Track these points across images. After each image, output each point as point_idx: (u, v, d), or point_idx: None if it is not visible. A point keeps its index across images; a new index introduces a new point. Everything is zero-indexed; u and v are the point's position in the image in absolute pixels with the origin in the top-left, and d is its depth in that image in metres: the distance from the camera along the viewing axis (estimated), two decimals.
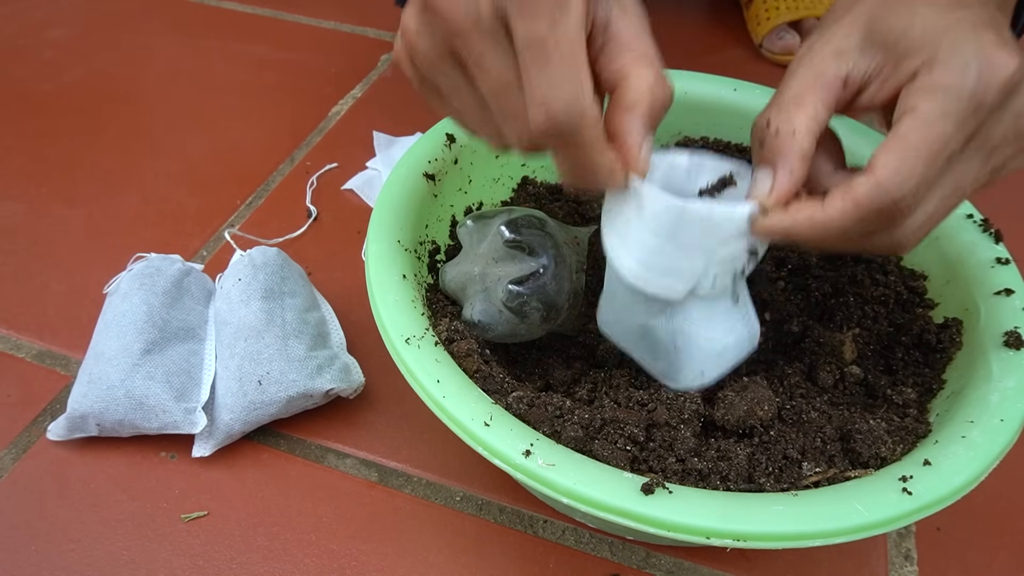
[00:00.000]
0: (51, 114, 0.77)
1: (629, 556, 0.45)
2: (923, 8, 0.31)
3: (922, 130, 0.29)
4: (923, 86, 0.29)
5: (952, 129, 0.29)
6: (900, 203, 0.29)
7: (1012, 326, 0.40)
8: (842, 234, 0.31)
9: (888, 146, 0.29)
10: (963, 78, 0.28)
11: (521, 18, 0.28)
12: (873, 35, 0.32)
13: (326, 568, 0.44)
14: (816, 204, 0.31)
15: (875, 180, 0.29)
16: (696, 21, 0.93)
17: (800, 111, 0.32)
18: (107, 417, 0.47)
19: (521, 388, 0.39)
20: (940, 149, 0.29)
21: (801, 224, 0.31)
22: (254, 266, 0.51)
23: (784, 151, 0.32)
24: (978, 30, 0.29)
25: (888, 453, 0.37)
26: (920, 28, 0.30)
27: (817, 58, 0.32)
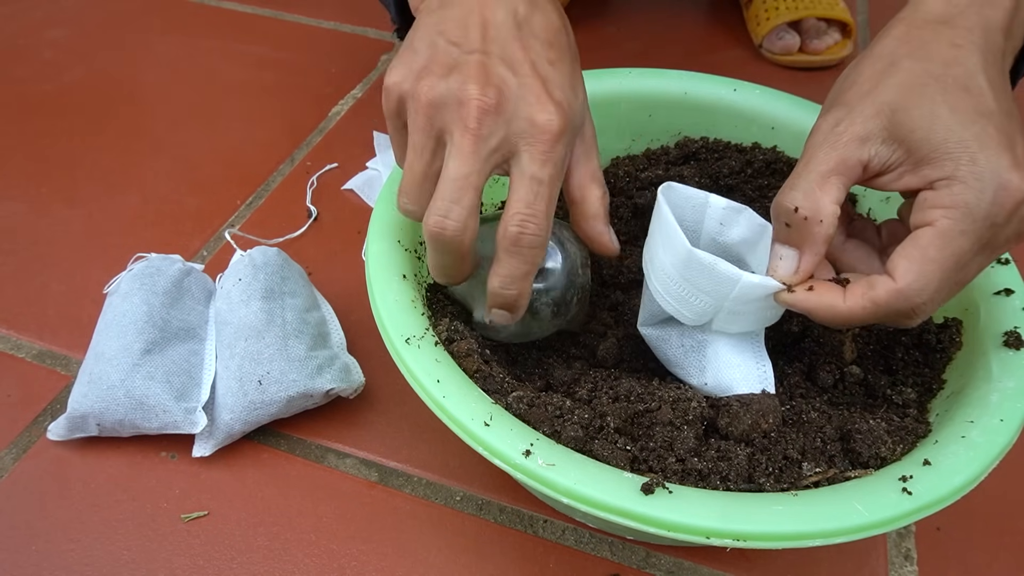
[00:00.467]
0: (51, 114, 0.77)
1: (629, 556, 0.45)
2: (945, 111, 0.33)
3: (942, 246, 0.32)
4: (943, 202, 0.32)
5: (968, 245, 0.32)
6: (917, 308, 0.33)
7: (1012, 326, 0.40)
8: (855, 323, 0.35)
9: (910, 255, 0.33)
10: (980, 199, 0.31)
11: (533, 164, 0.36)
12: (895, 128, 0.34)
13: (326, 568, 0.44)
14: (838, 294, 0.35)
15: (896, 287, 0.33)
16: (696, 21, 0.93)
17: (826, 196, 0.34)
18: (107, 417, 0.47)
19: (521, 388, 0.39)
20: (956, 263, 0.32)
21: (822, 310, 0.35)
22: (254, 266, 0.51)
23: (812, 237, 0.35)
24: (997, 150, 0.32)
25: (888, 453, 0.37)
26: (941, 137, 0.32)
27: (843, 140, 0.34)
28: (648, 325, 0.43)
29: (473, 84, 0.34)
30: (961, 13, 0.35)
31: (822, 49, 0.84)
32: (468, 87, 0.34)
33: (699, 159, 0.56)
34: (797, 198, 0.35)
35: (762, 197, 0.53)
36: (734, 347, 0.40)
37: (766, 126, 0.54)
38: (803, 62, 0.84)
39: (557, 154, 0.35)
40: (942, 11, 0.36)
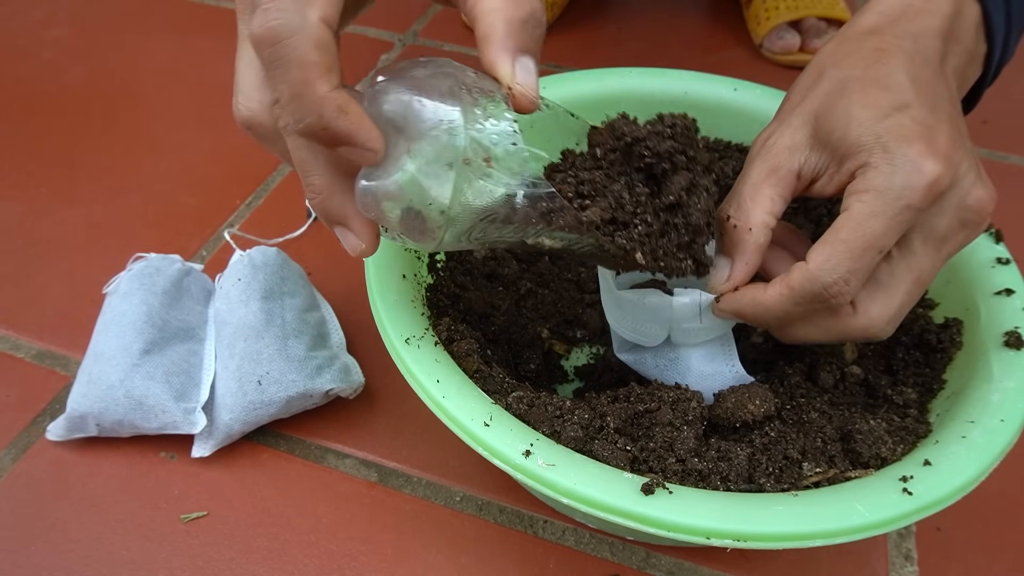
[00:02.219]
0: (51, 114, 0.77)
1: (629, 556, 0.45)
2: (860, 111, 0.34)
3: (851, 228, 0.32)
4: (856, 188, 0.33)
5: (880, 227, 0.32)
6: (830, 288, 0.33)
7: (1012, 326, 0.40)
8: (784, 315, 0.35)
9: (823, 239, 0.33)
10: (891, 181, 0.32)
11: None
12: (819, 134, 0.35)
13: (326, 568, 0.44)
14: (759, 288, 0.36)
15: (807, 269, 0.33)
16: (696, 21, 0.93)
17: (756, 206, 0.35)
18: (107, 417, 0.47)
19: (521, 388, 0.39)
20: (868, 244, 0.32)
21: (746, 305, 0.36)
22: (254, 266, 0.51)
23: (742, 245, 0.36)
24: (910, 139, 0.32)
25: (888, 453, 0.37)
26: (856, 133, 0.33)
27: (773, 151, 0.36)
28: (623, 351, 0.44)
29: None
30: (892, 23, 0.36)
31: None
32: None
33: None
34: (729, 208, 0.36)
35: None
36: (704, 356, 0.41)
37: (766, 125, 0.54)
38: (803, 62, 0.84)
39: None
40: (874, 23, 0.37)
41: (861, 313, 0.34)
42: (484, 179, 0.29)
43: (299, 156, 0.30)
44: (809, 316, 0.35)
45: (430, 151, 0.28)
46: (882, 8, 0.37)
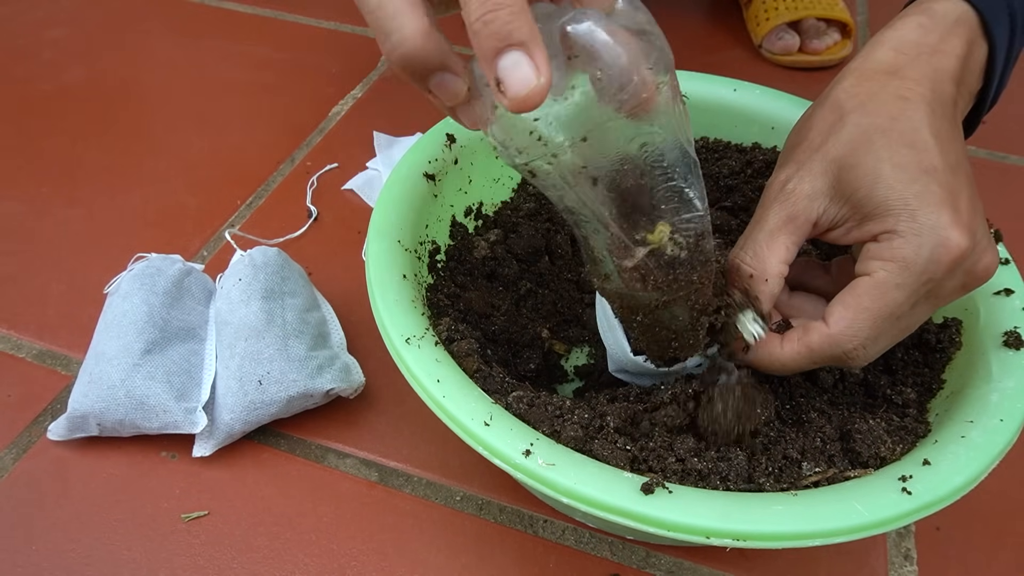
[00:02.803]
0: (51, 114, 0.77)
1: (629, 556, 0.45)
2: (888, 169, 0.33)
3: (876, 297, 0.33)
4: (883, 255, 0.33)
5: (903, 298, 0.33)
6: (850, 353, 0.34)
7: (1012, 326, 0.40)
8: (797, 369, 0.36)
9: (845, 303, 0.34)
10: (918, 255, 0.32)
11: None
12: (841, 186, 0.34)
13: (326, 568, 0.44)
14: (776, 341, 0.36)
15: (828, 333, 0.34)
16: (696, 21, 0.93)
17: (772, 255, 0.35)
18: (108, 417, 0.47)
19: (521, 388, 0.39)
20: (890, 314, 0.33)
21: (763, 359, 0.36)
22: (254, 266, 0.51)
23: (757, 295, 0.36)
24: (938, 207, 0.32)
25: (888, 453, 0.37)
26: (884, 193, 0.33)
27: (792, 198, 0.35)
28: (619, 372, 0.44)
29: None
30: (910, 63, 0.36)
31: (822, 49, 0.84)
32: None
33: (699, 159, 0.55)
34: (746, 257, 0.36)
35: None
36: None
37: (766, 126, 0.54)
38: (803, 62, 0.84)
39: None
40: (891, 61, 0.36)
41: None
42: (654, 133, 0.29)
43: None
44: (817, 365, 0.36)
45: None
46: (897, 44, 0.37)
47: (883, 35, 0.38)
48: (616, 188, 0.30)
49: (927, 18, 0.37)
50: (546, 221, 0.55)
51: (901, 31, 0.37)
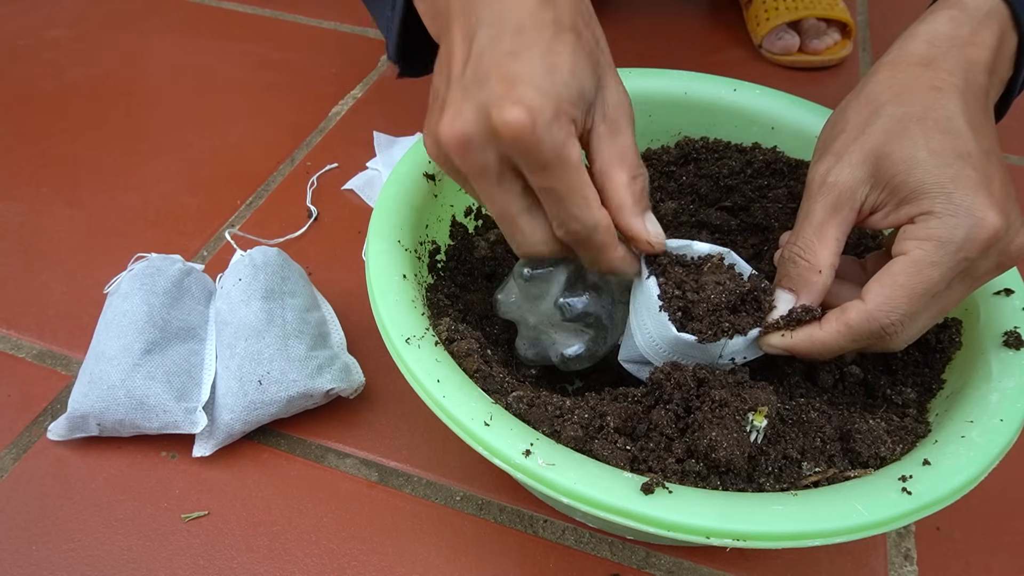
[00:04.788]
0: (51, 114, 0.77)
1: (629, 556, 0.45)
2: (924, 155, 0.34)
3: (912, 274, 0.34)
4: (918, 235, 0.34)
5: (938, 276, 0.34)
6: (887, 328, 0.35)
7: (1012, 326, 0.40)
8: (837, 350, 0.36)
9: (882, 281, 0.35)
10: (953, 234, 0.33)
11: (531, 173, 0.33)
12: (879, 173, 0.36)
13: (326, 568, 0.44)
14: (814, 325, 0.37)
15: (866, 310, 0.35)
16: (696, 21, 0.93)
17: (824, 248, 0.36)
18: (108, 417, 0.47)
19: (521, 388, 0.39)
20: (925, 291, 0.34)
21: (802, 343, 0.37)
22: (254, 266, 0.51)
23: (811, 285, 0.37)
24: (973, 189, 0.33)
25: (888, 453, 0.37)
26: (920, 177, 0.34)
27: (836, 189, 0.36)
28: (628, 361, 0.43)
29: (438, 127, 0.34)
30: (943, 55, 0.37)
31: (822, 49, 0.84)
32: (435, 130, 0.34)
33: (699, 159, 0.56)
34: (798, 250, 0.37)
35: (762, 197, 0.53)
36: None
37: (766, 126, 0.54)
38: (803, 62, 0.84)
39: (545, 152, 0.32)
40: (924, 53, 0.37)
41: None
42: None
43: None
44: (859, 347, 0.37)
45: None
46: (930, 38, 0.38)
47: (915, 29, 0.39)
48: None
49: (958, 11, 0.38)
50: None
51: (933, 24, 0.38)
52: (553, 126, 0.32)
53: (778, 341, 0.38)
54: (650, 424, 0.37)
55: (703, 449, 0.35)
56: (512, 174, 0.34)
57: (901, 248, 0.35)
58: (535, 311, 0.44)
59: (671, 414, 0.37)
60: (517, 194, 0.35)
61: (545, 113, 0.32)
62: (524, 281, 0.43)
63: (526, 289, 0.44)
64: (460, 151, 0.33)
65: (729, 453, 0.35)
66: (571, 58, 0.33)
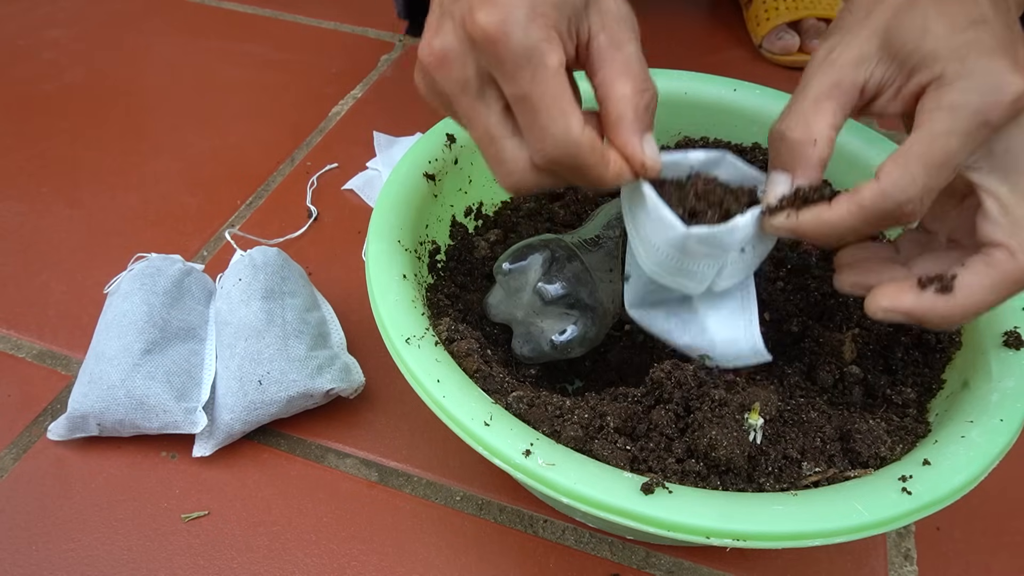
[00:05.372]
0: (51, 114, 0.77)
1: (629, 556, 0.45)
2: (936, 23, 0.32)
3: (926, 144, 0.31)
4: (930, 104, 0.31)
5: (956, 144, 0.30)
6: (904, 207, 0.31)
7: (1012, 326, 0.40)
8: (847, 233, 0.33)
9: (895, 157, 0.31)
10: (968, 98, 0.30)
11: (505, 81, 0.31)
12: (889, 45, 0.33)
13: (326, 568, 0.44)
14: (823, 205, 0.33)
15: (879, 187, 0.31)
16: (696, 21, 0.93)
17: (820, 118, 0.33)
18: (108, 417, 0.47)
19: (521, 388, 0.39)
20: (944, 162, 0.31)
21: (808, 223, 0.34)
22: (254, 266, 0.51)
23: (805, 159, 0.34)
24: (991, 54, 0.30)
25: (888, 453, 0.37)
26: (932, 44, 0.31)
27: (837, 64, 0.34)
28: (635, 307, 0.42)
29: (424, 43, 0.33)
30: None
31: None
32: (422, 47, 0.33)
33: None
34: (789, 122, 0.34)
35: None
36: (722, 320, 0.39)
37: (766, 126, 0.53)
38: (803, 62, 0.84)
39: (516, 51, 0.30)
40: None
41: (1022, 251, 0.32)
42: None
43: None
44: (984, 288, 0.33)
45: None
46: None
47: None
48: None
49: None
50: (546, 221, 0.55)
51: None
52: (527, 26, 0.30)
53: (783, 222, 0.34)
54: (650, 424, 0.37)
55: (703, 448, 0.35)
56: (493, 90, 0.32)
57: (916, 122, 0.32)
58: (519, 304, 0.44)
59: (671, 414, 0.37)
60: (499, 112, 0.33)
61: (517, 12, 0.30)
62: (504, 276, 0.44)
63: (507, 284, 0.44)
64: (440, 67, 0.32)
65: (729, 452, 0.35)
66: None
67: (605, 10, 0.32)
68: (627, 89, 0.33)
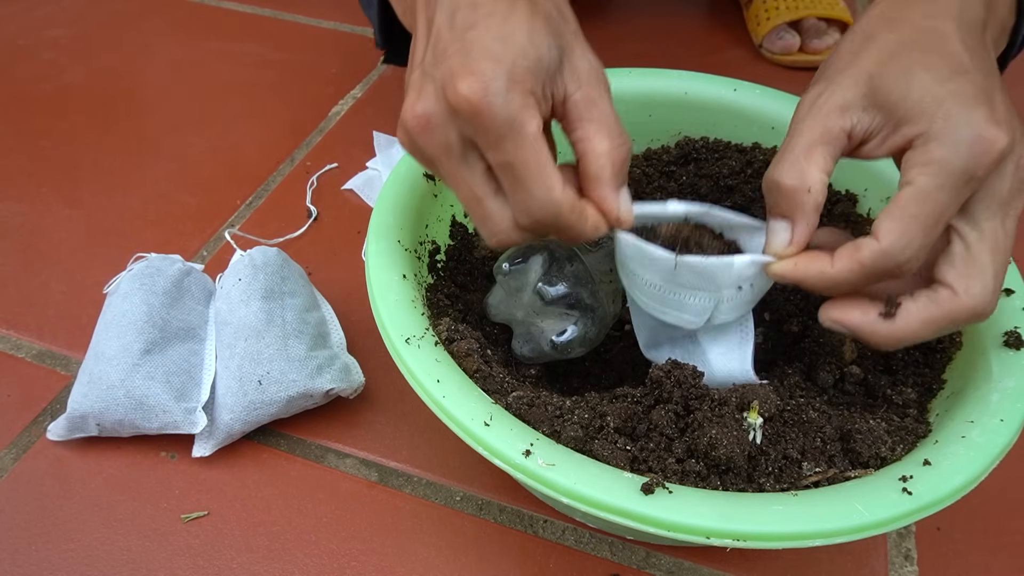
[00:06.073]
0: (51, 114, 0.77)
1: (629, 556, 0.45)
2: (921, 73, 0.33)
3: (921, 202, 0.32)
4: (919, 160, 0.33)
5: (947, 199, 0.32)
6: (903, 265, 0.33)
7: (1012, 326, 0.40)
8: (849, 287, 0.35)
9: (891, 215, 0.33)
10: (956, 154, 0.32)
11: (487, 149, 0.33)
12: (874, 94, 0.34)
13: (326, 568, 0.44)
14: (826, 260, 0.35)
15: (880, 247, 0.33)
16: (696, 21, 0.93)
17: (812, 165, 0.34)
18: (107, 417, 0.47)
19: (521, 388, 0.39)
20: (938, 218, 0.32)
21: (813, 277, 0.35)
22: (254, 266, 0.51)
23: (801, 206, 0.35)
24: (972, 105, 0.32)
25: (888, 453, 0.37)
26: (917, 97, 0.33)
27: (824, 111, 0.35)
28: (651, 347, 0.43)
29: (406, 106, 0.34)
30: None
31: (822, 49, 0.84)
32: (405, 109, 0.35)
33: (699, 159, 0.56)
34: (783, 171, 0.35)
35: (762, 198, 0.53)
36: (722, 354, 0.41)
37: (766, 126, 0.54)
38: (803, 62, 0.84)
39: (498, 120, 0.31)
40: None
41: (964, 294, 0.33)
42: None
43: None
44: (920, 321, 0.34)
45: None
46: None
47: None
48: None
49: None
50: None
51: None
52: (507, 94, 0.31)
53: (789, 271, 0.36)
54: (650, 424, 0.37)
55: (703, 448, 0.35)
56: (475, 153, 0.34)
57: (906, 177, 0.33)
58: (520, 304, 0.44)
59: (671, 414, 0.37)
60: (481, 174, 0.34)
61: (497, 81, 0.31)
62: (503, 276, 0.44)
63: (507, 284, 0.44)
64: (423, 132, 0.33)
65: (729, 451, 0.35)
66: (527, 25, 0.32)
67: (579, 69, 0.34)
68: (604, 146, 0.34)
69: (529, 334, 0.45)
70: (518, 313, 0.45)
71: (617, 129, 0.35)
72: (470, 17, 0.32)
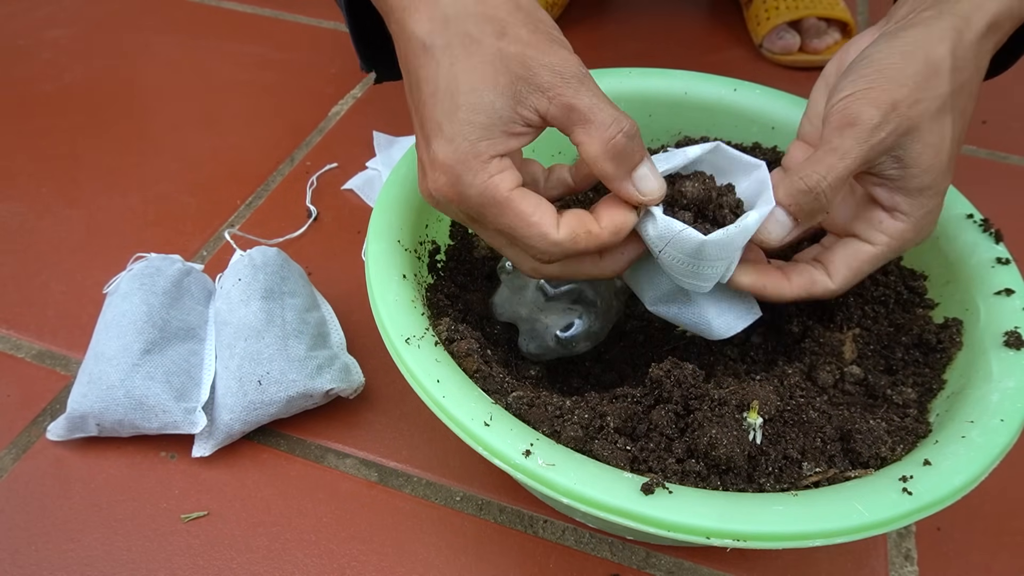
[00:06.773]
0: (51, 114, 0.77)
1: (629, 556, 0.45)
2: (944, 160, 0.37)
3: (873, 263, 0.39)
4: (891, 232, 0.38)
5: (884, 260, 0.39)
6: (837, 296, 0.41)
7: (1012, 326, 0.40)
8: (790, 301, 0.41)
9: (849, 265, 0.39)
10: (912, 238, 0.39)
11: (480, 221, 0.36)
12: (903, 152, 0.36)
13: (326, 568, 0.44)
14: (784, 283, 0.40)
15: (831, 289, 0.39)
16: (696, 21, 0.93)
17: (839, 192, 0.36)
18: (107, 417, 0.47)
19: (521, 388, 0.39)
20: (872, 269, 0.40)
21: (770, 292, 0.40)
22: (254, 266, 0.51)
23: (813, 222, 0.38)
24: (941, 199, 0.38)
25: (888, 453, 0.37)
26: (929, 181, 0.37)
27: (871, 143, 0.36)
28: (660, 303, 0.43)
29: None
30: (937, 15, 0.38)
31: (822, 49, 0.84)
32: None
33: None
34: (826, 187, 0.36)
35: None
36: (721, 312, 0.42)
37: (766, 126, 0.54)
38: (803, 62, 0.84)
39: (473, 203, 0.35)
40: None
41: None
42: None
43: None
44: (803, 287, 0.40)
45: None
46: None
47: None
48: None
49: None
50: None
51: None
52: (474, 178, 0.34)
53: (751, 285, 0.39)
54: (650, 424, 0.37)
55: (703, 448, 0.35)
56: (478, 222, 0.37)
57: (871, 237, 0.39)
58: (523, 301, 0.45)
59: (671, 414, 0.37)
60: (494, 233, 0.37)
61: (459, 168, 0.34)
62: (507, 275, 0.45)
63: (510, 282, 0.45)
64: (437, 207, 0.37)
65: (729, 451, 0.35)
66: (467, 81, 0.33)
67: (543, 84, 0.33)
68: (596, 148, 0.34)
69: (534, 331, 0.45)
70: (522, 310, 0.45)
71: (607, 120, 0.33)
72: (427, 88, 0.35)
